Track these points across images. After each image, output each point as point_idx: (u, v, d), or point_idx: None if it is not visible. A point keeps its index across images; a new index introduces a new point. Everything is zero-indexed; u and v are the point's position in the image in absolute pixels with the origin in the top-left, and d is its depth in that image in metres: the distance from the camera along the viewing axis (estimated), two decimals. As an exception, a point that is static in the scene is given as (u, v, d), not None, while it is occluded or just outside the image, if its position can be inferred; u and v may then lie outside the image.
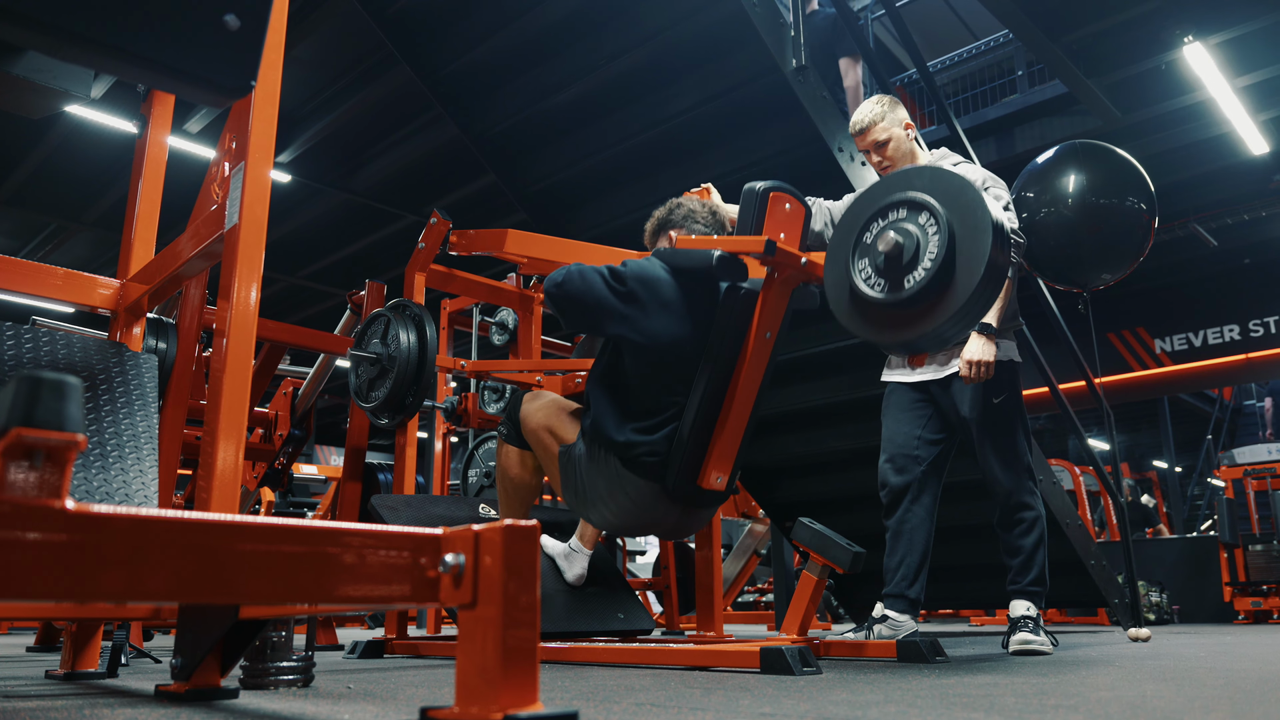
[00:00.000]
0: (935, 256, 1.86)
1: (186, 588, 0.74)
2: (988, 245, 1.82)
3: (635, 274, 2.33)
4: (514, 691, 0.81)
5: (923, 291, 1.87)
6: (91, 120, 7.40)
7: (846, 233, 2.06)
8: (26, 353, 1.90)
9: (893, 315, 1.96)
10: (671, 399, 2.33)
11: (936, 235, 1.88)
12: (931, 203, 1.90)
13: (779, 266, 2.21)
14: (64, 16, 1.07)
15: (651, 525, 2.50)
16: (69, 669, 1.99)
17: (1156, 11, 6.26)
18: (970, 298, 1.84)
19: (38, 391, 0.68)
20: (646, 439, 2.32)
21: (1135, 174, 3.10)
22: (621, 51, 3.83)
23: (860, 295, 1.99)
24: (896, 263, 1.91)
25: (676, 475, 2.30)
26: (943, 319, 1.88)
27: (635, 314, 2.31)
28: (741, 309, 2.28)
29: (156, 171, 2.40)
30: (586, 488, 2.41)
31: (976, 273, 1.83)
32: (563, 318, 2.41)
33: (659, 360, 2.33)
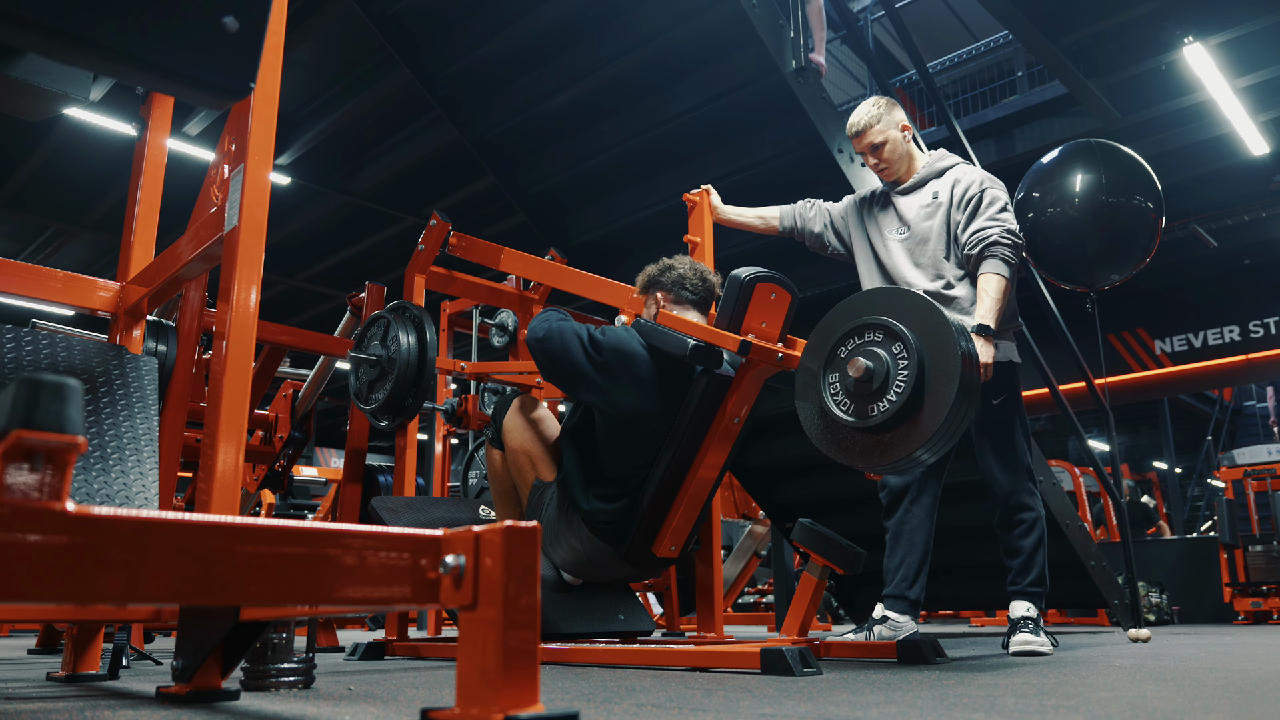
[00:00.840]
0: (902, 391, 1.89)
1: (187, 590, 0.74)
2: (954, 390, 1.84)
3: (613, 346, 2.41)
4: (515, 692, 0.81)
5: (888, 421, 1.90)
6: (91, 123, 7.41)
7: (822, 340, 2.07)
8: (26, 355, 1.90)
9: (864, 440, 1.99)
10: (633, 470, 2.44)
11: (906, 369, 1.90)
12: (906, 333, 1.92)
13: (753, 363, 2.26)
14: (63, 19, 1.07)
15: (600, 577, 2.68)
16: (70, 671, 1.99)
17: (1156, 12, 6.26)
18: (936, 432, 1.86)
19: (38, 394, 0.68)
20: (606, 508, 2.45)
21: (1142, 173, 3.09)
22: (621, 53, 3.84)
23: (830, 414, 2.02)
24: (866, 387, 1.94)
25: (631, 543, 2.44)
26: (914, 447, 1.90)
27: (608, 385, 2.39)
28: (713, 394, 2.35)
29: (156, 174, 2.40)
30: (550, 529, 2.55)
31: (941, 413, 1.85)
32: (541, 371, 2.52)
33: (626, 432, 2.42)
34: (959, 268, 2.77)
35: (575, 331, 2.42)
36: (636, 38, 3.77)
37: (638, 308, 2.82)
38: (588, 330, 2.44)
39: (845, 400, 2.00)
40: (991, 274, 2.66)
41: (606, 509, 2.44)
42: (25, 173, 8.52)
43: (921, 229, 2.79)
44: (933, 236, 2.77)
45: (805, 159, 3.59)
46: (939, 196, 2.80)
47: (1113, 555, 5.50)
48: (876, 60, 4.20)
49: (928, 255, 2.77)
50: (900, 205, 2.86)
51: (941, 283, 2.76)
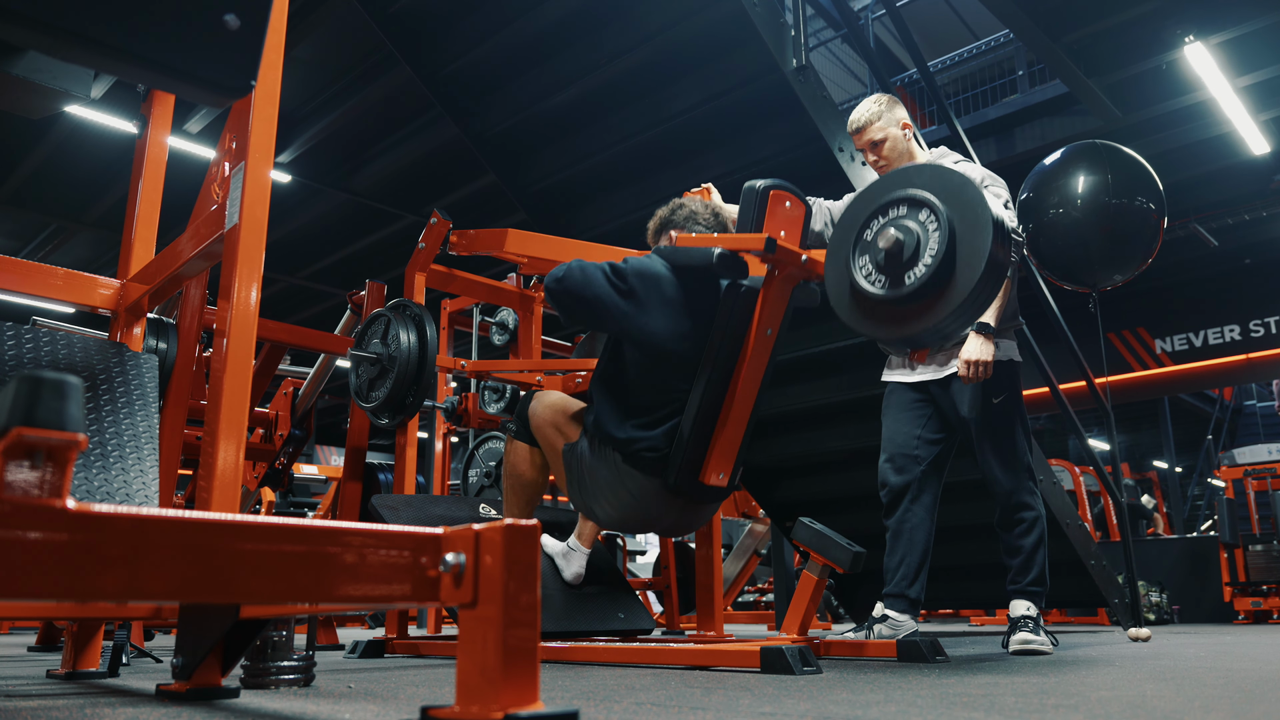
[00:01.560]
0: (936, 253, 1.87)
1: (187, 587, 0.74)
2: (988, 241, 1.83)
3: (636, 270, 2.35)
4: (514, 690, 0.81)
5: (923, 288, 1.88)
6: (92, 120, 7.40)
7: (847, 230, 2.07)
8: (27, 353, 1.91)
9: (893, 311, 1.97)
10: (672, 396, 2.34)
11: (937, 232, 1.89)
12: (932, 200, 1.91)
13: (779, 264, 2.21)
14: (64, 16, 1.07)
15: (653, 521, 2.51)
16: (70, 668, 1.99)
17: (1157, 11, 6.26)
18: (970, 293, 1.85)
19: (38, 391, 0.68)
20: (646, 435, 2.33)
21: (1145, 174, 3.09)
22: (622, 51, 3.83)
23: (861, 291, 2.00)
24: (897, 259, 1.92)
25: (678, 472, 2.31)
26: (943, 314, 1.89)
27: (636, 310, 2.32)
28: (742, 306, 2.29)
29: (157, 172, 2.40)
30: (589, 483, 2.44)
31: (977, 269, 1.84)
32: (564, 314, 2.42)
33: (659, 357, 2.34)
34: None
35: (596, 266, 2.38)
36: (637, 36, 3.76)
37: None
38: (608, 263, 2.39)
39: (878, 276, 1.99)
40: None
41: (647, 435, 2.33)
42: (26, 170, 8.52)
43: (922, 228, 2.79)
44: (933, 235, 2.77)
45: (806, 157, 3.59)
46: (940, 195, 2.79)
47: (1113, 554, 5.50)
48: (877, 59, 4.20)
49: (928, 254, 2.77)
50: (901, 204, 2.86)
51: (942, 281, 2.75)
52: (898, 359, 2.90)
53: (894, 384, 2.89)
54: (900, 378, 2.87)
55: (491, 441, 5.01)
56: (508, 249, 3.31)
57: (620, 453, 2.35)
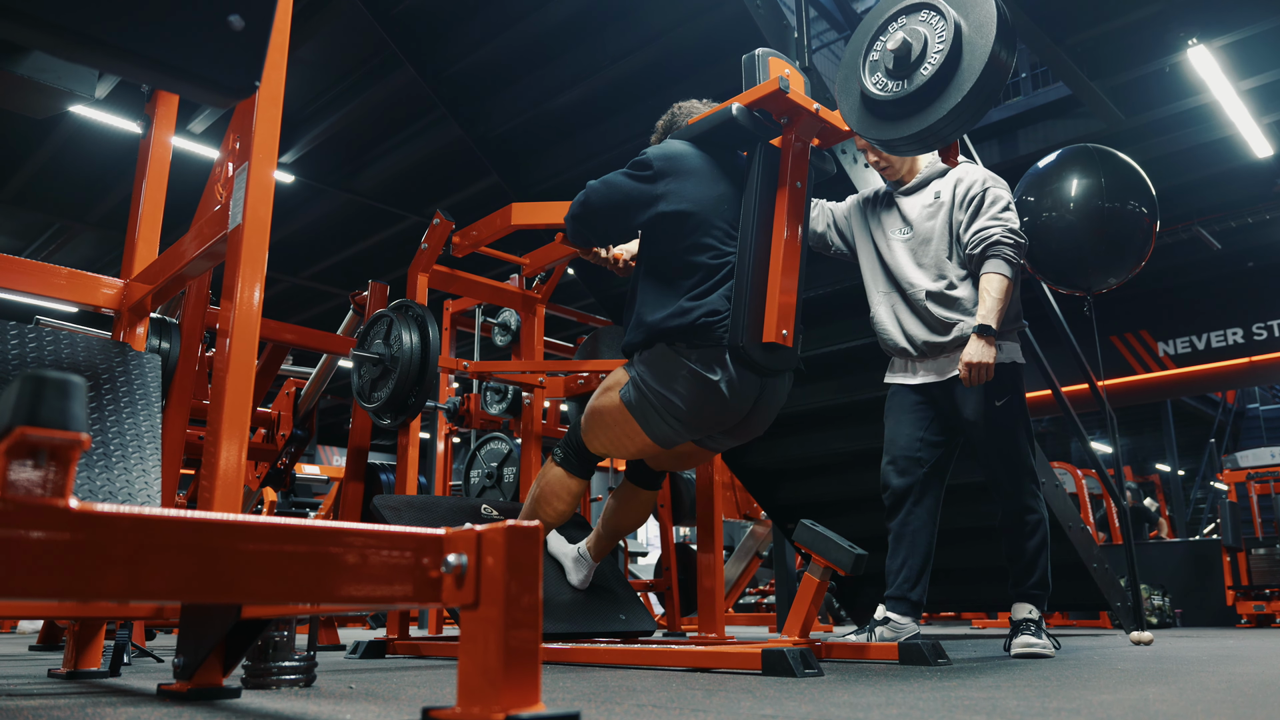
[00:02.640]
0: (945, 42, 1.99)
1: (189, 587, 0.74)
2: (992, 24, 1.95)
3: (658, 154, 2.40)
4: (516, 692, 0.81)
5: (935, 78, 2.00)
6: (95, 120, 7.42)
7: (853, 58, 2.18)
8: (30, 352, 1.91)
9: (904, 108, 2.07)
10: (719, 261, 2.34)
11: (942, 25, 2.01)
12: (933, 1, 2.04)
13: (794, 111, 2.29)
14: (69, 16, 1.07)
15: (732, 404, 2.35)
16: (72, 668, 1.99)
17: (1161, 14, 6.25)
18: (981, 76, 1.95)
19: (42, 391, 0.68)
20: (703, 301, 2.30)
21: (1136, 177, 3.09)
22: (624, 53, 3.84)
23: (873, 99, 2.11)
24: (906, 60, 2.04)
25: (742, 330, 2.26)
26: (954, 102, 1.98)
27: (667, 189, 2.35)
28: (768, 162, 2.35)
29: (160, 172, 2.40)
30: (660, 394, 2.35)
31: (985, 49, 1.95)
32: (594, 233, 2.47)
33: (699, 225, 2.35)
34: (961, 267, 2.76)
35: (613, 174, 2.42)
36: (640, 37, 3.77)
37: None
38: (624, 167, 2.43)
39: (889, 82, 2.09)
40: (993, 274, 2.66)
41: (704, 302, 2.28)
42: (30, 169, 8.53)
43: (924, 229, 2.79)
44: (935, 236, 2.77)
45: (809, 159, 3.59)
46: (941, 196, 2.80)
47: (1115, 558, 5.50)
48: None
49: (930, 255, 2.77)
50: (903, 205, 2.86)
51: (944, 283, 2.75)
52: (900, 361, 2.90)
53: (896, 386, 2.89)
54: (903, 380, 2.87)
55: (494, 442, 5.02)
56: (514, 223, 3.28)
57: (679, 338, 2.29)
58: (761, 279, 2.30)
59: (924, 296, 2.77)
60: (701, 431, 2.48)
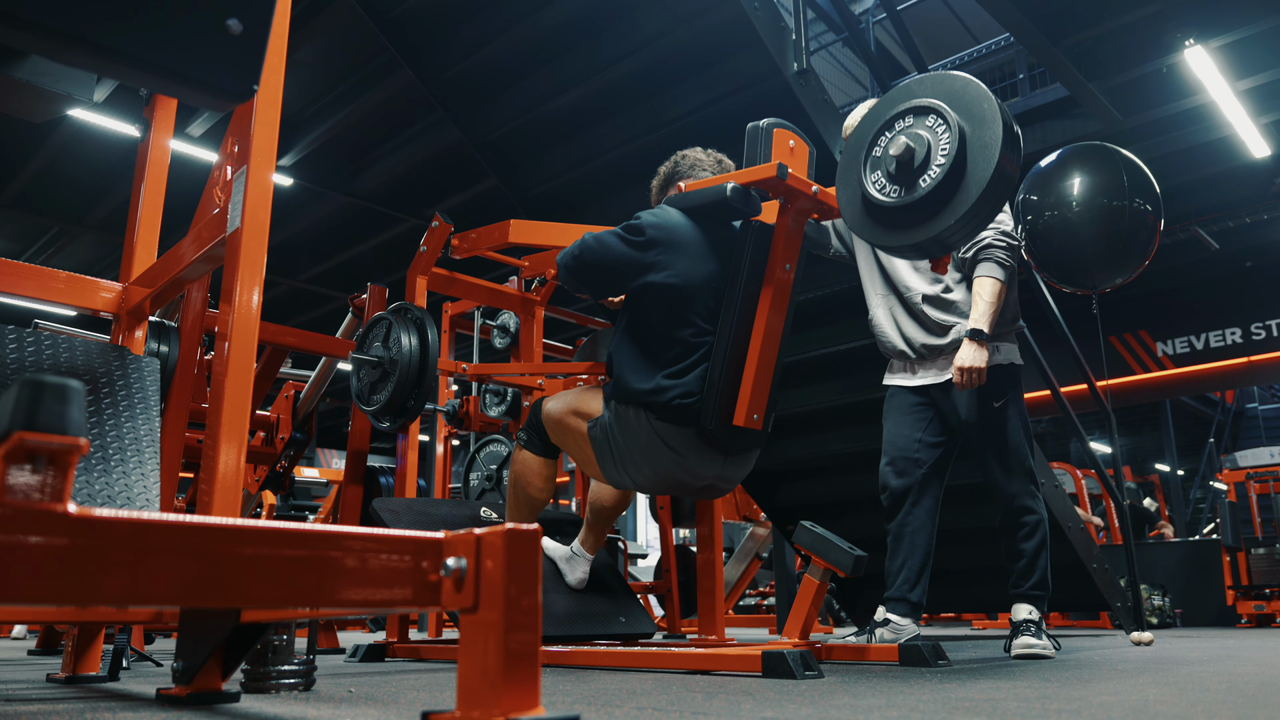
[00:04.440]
0: (948, 153, 1.89)
1: (188, 591, 0.74)
2: (999, 135, 1.85)
3: (651, 222, 2.36)
4: (515, 695, 0.81)
5: (938, 189, 1.90)
6: (94, 124, 7.41)
7: (855, 151, 2.08)
8: (29, 356, 1.91)
9: (908, 217, 1.98)
10: (699, 340, 2.33)
11: (946, 134, 1.91)
12: (938, 104, 1.93)
13: (791, 194, 2.23)
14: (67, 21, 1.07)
15: (691, 477, 2.43)
16: (70, 672, 1.99)
17: (1158, 15, 6.26)
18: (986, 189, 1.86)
19: (40, 395, 0.68)
20: (678, 381, 2.30)
21: (1141, 175, 3.09)
22: (623, 55, 3.84)
23: (874, 203, 2.01)
24: (909, 166, 1.94)
25: (712, 416, 2.28)
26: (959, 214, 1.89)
27: (656, 260, 2.32)
28: (759, 242, 2.31)
29: (159, 175, 2.40)
30: (623, 451, 2.38)
31: (990, 162, 1.85)
32: (584, 286, 2.43)
33: (683, 301, 2.32)
34: (956, 270, 2.77)
35: (608, 231, 2.38)
36: (638, 39, 3.77)
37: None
38: (619, 226, 2.39)
39: (891, 187, 2.00)
40: (985, 277, 2.66)
41: (677, 383, 2.29)
42: (28, 173, 8.53)
43: (922, 232, 2.79)
44: (932, 239, 2.77)
45: (807, 161, 3.59)
46: (939, 199, 2.79)
47: (1115, 558, 5.50)
48: (878, 62, 4.20)
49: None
50: (902, 208, 2.86)
51: (940, 286, 2.76)
52: (899, 363, 2.90)
53: (895, 388, 2.89)
54: (901, 381, 2.87)
55: (493, 445, 5.01)
56: (511, 239, 3.29)
57: (651, 409, 2.31)
58: (738, 364, 2.31)
59: (920, 300, 2.78)
60: (655, 492, 2.55)
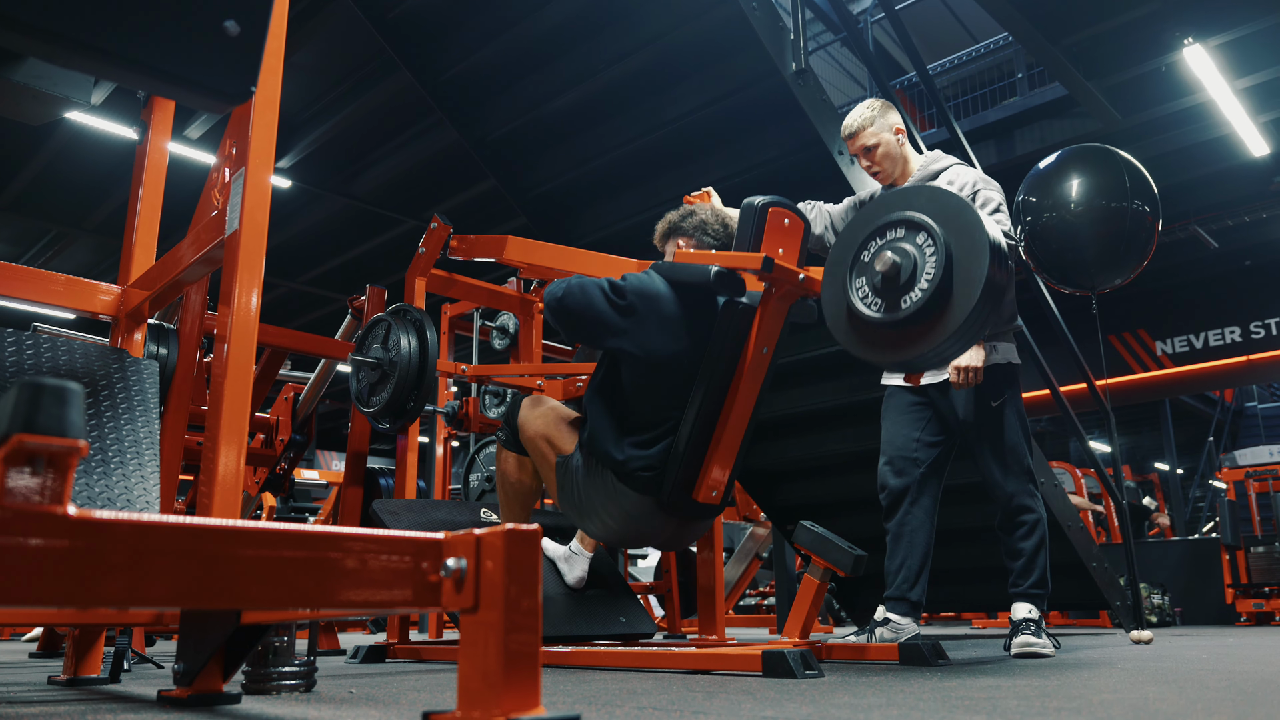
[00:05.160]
0: (932, 278, 1.85)
1: (188, 593, 0.74)
2: (985, 267, 1.81)
3: (635, 288, 2.35)
4: (516, 695, 0.81)
5: (919, 312, 1.87)
6: (92, 126, 7.41)
7: (845, 249, 2.05)
8: (28, 359, 1.91)
9: (890, 335, 1.95)
10: (667, 413, 2.35)
11: (934, 256, 1.87)
12: (929, 223, 1.89)
13: (776, 283, 2.22)
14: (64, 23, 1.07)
15: (647, 536, 2.50)
16: (71, 674, 1.99)
17: (1156, 14, 6.26)
18: (967, 319, 1.83)
19: (39, 398, 0.68)
20: (643, 454, 2.34)
21: (1139, 176, 3.09)
22: (621, 56, 3.84)
23: (858, 314, 1.98)
24: (893, 283, 1.91)
25: (672, 489, 2.31)
26: (940, 339, 1.87)
27: (634, 327, 2.32)
28: (739, 324, 2.30)
29: (157, 177, 2.40)
30: (583, 499, 2.43)
31: (973, 295, 1.81)
32: (564, 330, 2.43)
33: (656, 373, 2.34)
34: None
35: (594, 283, 2.37)
36: (636, 40, 3.77)
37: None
38: (607, 280, 2.38)
39: (874, 299, 1.96)
40: None
41: (643, 455, 2.33)
42: (26, 176, 8.53)
43: (921, 231, 2.79)
44: (931, 239, 2.77)
45: (805, 161, 3.59)
46: (936, 199, 2.79)
47: (1114, 556, 5.50)
48: (876, 62, 4.20)
49: (927, 257, 2.77)
50: (899, 208, 2.86)
51: (941, 285, 2.75)
52: (898, 362, 2.91)
53: (893, 387, 2.90)
54: (899, 381, 2.87)
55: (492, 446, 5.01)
56: (507, 257, 3.30)
57: (615, 472, 2.35)
58: (704, 442, 2.31)
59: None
60: (605, 540, 2.58)
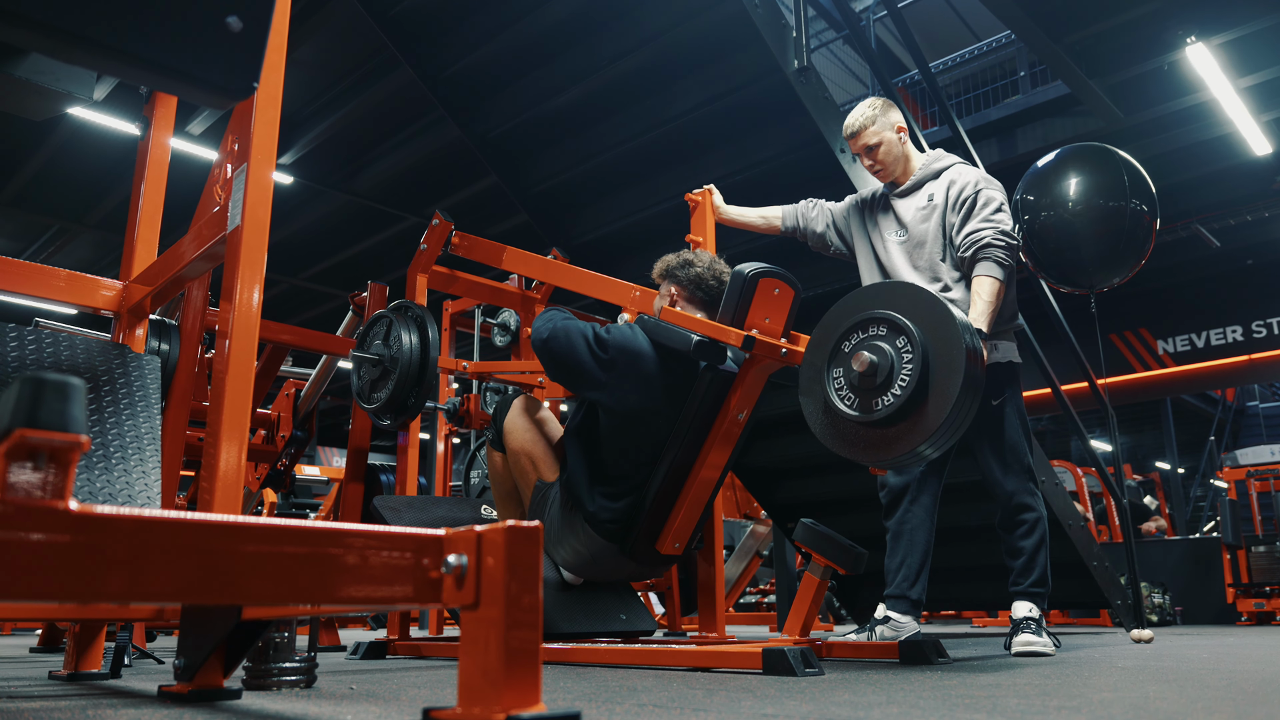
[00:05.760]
0: (907, 384, 1.87)
1: (189, 589, 0.74)
2: (959, 381, 1.82)
3: (618, 344, 2.41)
4: (516, 692, 0.81)
5: (893, 415, 1.89)
6: (94, 122, 7.41)
7: (826, 335, 2.05)
8: (30, 354, 1.91)
9: (867, 434, 1.97)
10: (638, 466, 2.44)
11: (910, 362, 1.88)
12: (909, 326, 1.90)
13: (757, 358, 2.25)
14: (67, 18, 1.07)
15: (610, 574, 2.66)
16: (72, 670, 1.99)
17: (1159, 12, 6.25)
18: (941, 425, 1.85)
19: (41, 393, 0.68)
20: (610, 505, 2.44)
21: (1136, 175, 3.09)
22: (623, 53, 3.84)
23: (834, 409, 2.00)
24: (870, 381, 1.93)
25: (636, 541, 2.43)
26: (916, 443, 1.89)
27: (613, 382, 2.39)
28: (716, 390, 2.35)
29: (159, 173, 2.40)
30: (554, 529, 2.55)
31: (947, 402, 1.83)
32: (546, 370, 2.53)
33: (631, 427, 2.42)
34: (956, 269, 2.76)
35: (580, 331, 2.43)
36: (638, 37, 3.77)
37: (646, 302, 2.81)
38: (593, 329, 2.43)
39: (850, 395, 1.98)
40: (984, 276, 2.65)
41: (611, 507, 2.43)
42: (28, 172, 8.53)
43: (918, 231, 2.79)
44: (929, 239, 2.77)
45: (807, 159, 3.59)
46: (935, 199, 2.79)
47: (1115, 556, 5.50)
48: (878, 60, 4.20)
49: (925, 258, 2.77)
50: (898, 208, 2.86)
51: (939, 285, 2.75)
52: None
53: (896, 385, 2.89)
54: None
55: (493, 443, 5.01)
56: (504, 266, 3.40)
57: (584, 518, 2.46)
58: (670, 499, 2.41)
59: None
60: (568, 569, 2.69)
